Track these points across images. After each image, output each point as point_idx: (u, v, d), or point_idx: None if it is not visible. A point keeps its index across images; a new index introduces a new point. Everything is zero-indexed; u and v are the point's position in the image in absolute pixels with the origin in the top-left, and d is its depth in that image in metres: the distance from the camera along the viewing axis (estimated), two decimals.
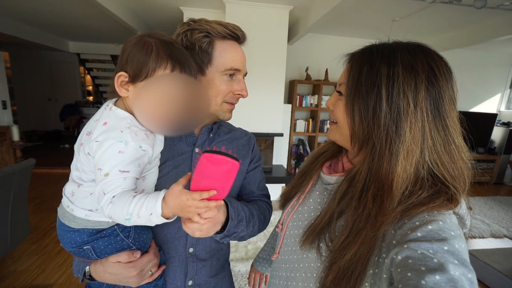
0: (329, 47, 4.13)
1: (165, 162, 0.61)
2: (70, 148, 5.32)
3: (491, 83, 4.87)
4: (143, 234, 0.54)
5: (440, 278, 0.28)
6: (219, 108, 0.61)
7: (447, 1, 2.34)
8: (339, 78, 0.48)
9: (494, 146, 4.49)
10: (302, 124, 4.13)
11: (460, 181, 0.39)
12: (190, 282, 0.64)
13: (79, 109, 6.34)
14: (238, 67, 0.59)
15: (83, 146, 0.45)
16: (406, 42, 0.43)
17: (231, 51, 0.59)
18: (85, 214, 0.47)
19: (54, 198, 3.11)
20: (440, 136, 0.39)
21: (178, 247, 0.62)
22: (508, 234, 2.72)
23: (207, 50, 0.57)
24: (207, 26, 0.57)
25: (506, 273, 1.79)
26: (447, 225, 0.34)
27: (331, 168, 0.55)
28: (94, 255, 0.49)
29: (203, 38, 0.57)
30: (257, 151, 0.76)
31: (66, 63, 6.32)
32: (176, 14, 3.43)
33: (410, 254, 0.32)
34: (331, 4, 2.35)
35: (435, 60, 0.40)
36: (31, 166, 1.48)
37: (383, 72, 0.39)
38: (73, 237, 0.48)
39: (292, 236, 0.54)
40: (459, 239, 0.33)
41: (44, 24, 4.29)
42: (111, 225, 0.50)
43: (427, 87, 0.38)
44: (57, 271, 1.92)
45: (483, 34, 3.23)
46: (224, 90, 0.59)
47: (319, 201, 0.52)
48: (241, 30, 0.61)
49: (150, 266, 0.53)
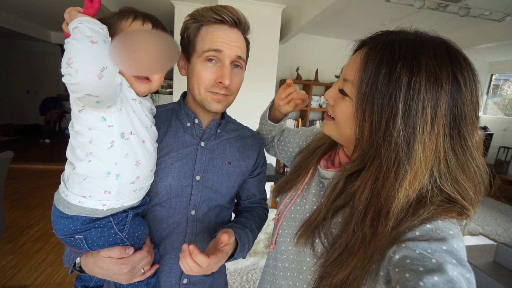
0: (320, 48, 4.20)
1: (169, 153, 0.59)
2: (51, 143, 5.07)
3: None
4: (138, 230, 0.52)
5: (439, 279, 0.28)
6: (204, 97, 0.57)
7: (434, 7, 2.44)
8: (345, 71, 0.42)
9: None
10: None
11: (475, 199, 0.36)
12: (185, 280, 0.62)
13: (61, 102, 6.05)
14: (217, 48, 0.53)
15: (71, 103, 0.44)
16: (431, 38, 0.37)
17: (213, 33, 0.54)
18: (79, 201, 0.45)
19: (31, 194, 2.95)
20: (457, 156, 0.35)
21: (176, 243, 0.60)
22: (483, 232, 2.88)
23: (190, 36, 0.55)
24: (196, 12, 0.56)
25: (482, 268, 1.90)
26: (446, 223, 0.34)
27: (329, 161, 0.53)
28: (85, 245, 0.47)
29: (191, 24, 0.56)
30: (263, 155, 0.74)
31: (47, 54, 6.01)
32: (167, 8, 3.36)
33: (408, 254, 0.31)
34: (323, 5, 2.38)
35: (462, 68, 0.34)
36: (8, 159, 1.39)
37: (404, 81, 0.33)
38: (66, 224, 0.46)
39: (289, 227, 0.53)
40: (458, 238, 0.33)
41: (24, 11, 4.06)
42: (106, 215, 0.48)
43: (448, 103, 0.33)
44: (35, 271, 1.82)
45: (464, 41, 3.40)
46: (204, 78, 0.54)
47: (315, 194, 0.51)
48: (232, 12, 0.55)
49: (143, 264, 0.51)
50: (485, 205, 3.74)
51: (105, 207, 0.46)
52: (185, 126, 0.61)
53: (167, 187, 0.58)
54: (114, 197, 0.46)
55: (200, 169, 0.60)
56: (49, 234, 2.25)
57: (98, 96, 0.38)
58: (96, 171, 0.44)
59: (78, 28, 0.37)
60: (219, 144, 0.64)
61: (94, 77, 0.36)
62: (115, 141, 0.44)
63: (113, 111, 0.43)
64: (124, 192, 0.47)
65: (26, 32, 4.63)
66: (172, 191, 0.58)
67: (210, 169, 0.61)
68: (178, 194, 0.59)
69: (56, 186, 0.48)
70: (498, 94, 5.36)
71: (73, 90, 0.37)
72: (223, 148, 0.64)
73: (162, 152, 0.58)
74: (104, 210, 0.46)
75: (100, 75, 0.36)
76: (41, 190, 3.08)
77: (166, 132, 0.60)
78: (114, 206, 0.47)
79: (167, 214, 0.59)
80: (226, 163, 0.63)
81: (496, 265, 1.94)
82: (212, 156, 0.62)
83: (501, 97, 5.31)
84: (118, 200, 0.47)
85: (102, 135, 0.43)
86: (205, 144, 0.62)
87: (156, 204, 0.59)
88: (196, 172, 0.60)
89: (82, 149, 0.44)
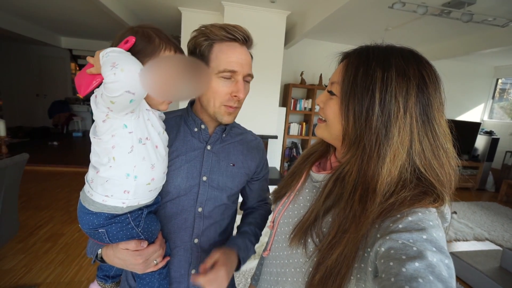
0: (324, 53, 4.23)
1: (178, 156, 0.64)
2: (59, 146, 5.17)
3: (475, 94, 5.10)
4: (152, 225, 0.57)
5: (419, 265, 0.30)
6: (217, 110, 0.61)
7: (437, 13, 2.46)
8: (332, 77, 0.48)
9: (478, 154, 4.69)
10: (296, 128, 4.19)
11: (447, 185, 0.40)
12: (193, 271, 0.67)
13: (69, 106, 6.19)
14: (232, 69, 0.58)
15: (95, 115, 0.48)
16: (400, 47, 0.44)
17: (227, 53, 0.58)
18: (102, 199, 0.50)
19: (41, 196, 3.01)
20: (429, 141, 0.40)
21: (184, 237, 0.65)
22: (489, 237, 2.84)
23: (204, 53, 0.59)
24: (208, 31, 0.59)
25: (487, 274, 1.88)
26: (426, 216, 0.36)
27: (320, 166, 0.57)
28: (107, 238, 0.53)
29: (203, 41, 0.59)
30: (265, 157, 0.79)
31: (57, 58, 6.17)
32: (174, 14, 3.43)
33: (392, 245, 0.33)
34: (327, 12, 2.43)
35: (426, 68, 0.41)
36: (23, 161, 1.45)
37: (378, 76, 0.40)
38: (91, 219, 0.52)
39: (283, 233, 0.55)
40: (437, 228, 0.35)
41: (36, 18, 4.20)
42: (125, 212, 0.53)
43: (417, 94, 0.39)
44: (45, 270, 1.86)
45: (469, 46, 3.40)
46: (221, 92, 0.59)
47: (308, 199, 0.53)
48: (242, 31, 0.60)
49: (155, 256, 0.56)
50: (491, 210, 3.69)
51: (125, 205, 0.51)
52: (192, 131, 0.67)
53: (176, 187, 0.63)
54: (132, 196, 0.51)
55: (207, 170, 0.65)
56: (58, 234, 2.30)
57: (135, 94, 0.42)
58: (117, 173, 0.49)
59: (114, 49, 0.44)
60: (224, 148, 0.69)
61: (136, 75, 0.41)
62: (134, 146, 0.49)
63: (133, 118, 0.48)
64: (140, 192, 0.53)
65: (37, 38, 4.77)
66: (181, 190, 0.64)
67: (216, 171, 0.66)
68: (186, 193, 0.64)
69: (63, 187, 0.53)
70: (504, 98, 5.32)
71: (114, 88, 0.41)
72: (228, 151, 0.69)
73: (172, 155, 0.63)
74: (124, 208, 0.52)
75: (140, 74, 0.42)
76: (49, 191, 3.14)
77: (175, 137, 0.66)
78: (132, 204, 0.52)
79: (177, 211, 0.65)
80: (231, 165, 0.68)
81: (502, 271, 1.92)
82: (218, 159, 0.67)
83: (507, 101, 5.27)
84: (136, 199, 0.52)
85: (124, 140, 0.48)
86: (211, 148, 0.67)
87: (166, 201, 0.64)
88: (203, 173, 0.65)
89: (105, 154, 0.49)
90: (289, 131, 4.15)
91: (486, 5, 2.37)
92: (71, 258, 2.01)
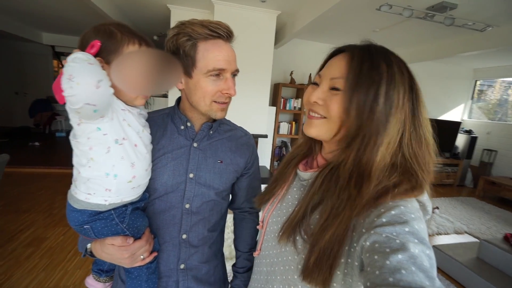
0: (313, 53, 4.30)
1: (165, 154, 0.64)
2: (41, 146, 4.95)
3: (456, 94, 5.34)
4: (137, 221, 0.58)
5: (402, 257, 0.31)
6: (209, 108, 0.62)
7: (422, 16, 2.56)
8: (331, 72, 0.47)
9: (458, 152, 4.92)
10: (286, 127, 4.23)
11: (426, 173, 0.43)
12: (182, 265, 0.68)
13: (51, 105, 5.93)
14: (221, 67, 0.58)
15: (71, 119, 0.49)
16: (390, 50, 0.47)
17: (213, 51, 0.58)
18: (85, 197, 0.52)
19: (22, 199, 2.88)
20: (416, 132, 0.44)
21: (173, 233, 0.66)
22: (468, 230, 3.00)
23: (190, 53, 0.58)
24: (189, 29, 0.57)
25: (467, 264, 1.99)
26: (408, 209, 0.38)
27: (307, 165, 0.58)
28: (92, 234, 0.55)
29: (186, 41, 0.58)
30: (256, 154, 0.78)
31: (38, 55, 5.90)
32: (163, 11, 3.37)
33: (376, 239, 0.35)
34: (317, 12, 2.46)
35: (410, 71, 0.46)
36: (3, 162, 1.38)
37: (383, 69, 0.42)
38: (76, 216, 0.54)
39: (272, 232, 0.56)
40: (418, 221, 0.37)
41: (16, 12, 3.99)
42: (108, 209, 0.54)
43: (410, 89, 0.44)
44: (27, 276, 1.78)
45: (450, 49, 3.56)
46: (210, 90, 0.59)
47: (296, 197, 0.54)
48: (224, 27, 0.59)
49: (142, 251, 0.58)
50: (470, 205, 3.88)
51: (107, 202, 0.53)
52: (179, 129, 0.67)
53: (163, 184, 0.64)
54: (114, 194, 0.53)
55: (194, 167, 0.66)
56: (41, 238, 2.21)
57: (96, 105, 0.43)
58: (97, 173, 0.51)
59: (77, 56, 0.43)
60: (211, 145, 0.69)
61: (93, 87, 0.42)
62: (110, 147, 0.51)
63: (106, 121, 0.49)
64: (122, 189, 0.54)
65: (17, 33, 4.55)
66: (168, 187, 0.64)
67: (203, 168, 0.67)
68: (173, 190, 0.65)
69: (47, 190, 0.53)
70: (482, 99, 5.60)
71: (73, 101, 0.42)
72: (215, 148, 0.69)
73: (159, 153, 0.64)
74: (106, 205, 0.53)
75: (98, 85, 0.42)
76: (31, 194, 3.01)
77: (162, 135, 0.66)
78: (115, 201, 0.54)
79: (165, 208, 0.66)
80: (218, 162, 0.69)
81: (479, 261, 2.04)
82: (205, 156, 0.67)
83: (485, 102, 5.55)
84: (118, 196, 0.54)
85: (99, 142, 0.50)
86: (198, 145, 0.67)
87: (155, 198, 0.65)
88: (189, 170, 0.65)
89: (84, 156, 0.51)
90: (279, 130, 4.18)
91: (466, 10, 2.49)
92: (55, 262, 1.94)
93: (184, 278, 0.68)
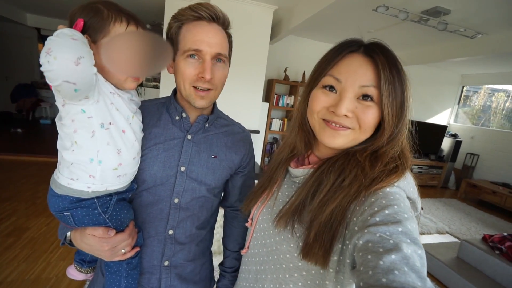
0: (308, 51, 4.29)
1: (156, 144, 0.62)
2: (24, 133, 4.75)
3: (443, 98, 5.50)
4: (121, 213, 0.55)
5: (395, 257, 0.32)
6: (188, 93, 0.59)
7: (416, 20, 2.60)
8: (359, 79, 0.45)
9: (443, 155, 5.08)
10: (278, 123, 4.23)
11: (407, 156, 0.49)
12: (166, 262, 0.65)
13: (36, 90, 5.68)
14: (196, 47, 0.55)
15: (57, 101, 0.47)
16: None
17: (193, 32, 0.56)
18: (67, 182, 0.50)
19: (2, 187, 2.76)
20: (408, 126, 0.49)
21: (159, 228, 0.63)
22: (449, 230, 3.12)
23: (173, 35, 0.58)
24: (177, 12, 0.58)
25: (446, 263, 2.07)
26: (401, 208, 0.38)
27: (299, 162, 0.57)
28: (72, 222, 0.52)
29: (173, 23, 0.58)
30: (252, 152, 0.76)
31: (22, 37, 5.60)
32: (157, 1, 3.27)
33: (370, 238, 0.35)
34: (314, 10, 2.45)
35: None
36: None
37: (403, 73, 0.46)
38: (57, 202, 0.51)
39: (262, 229, 0.55)
40: (411, 220, 0.37)
41: None
42: (91, 197, 0.52)
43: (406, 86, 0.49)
44: (6, 267, 1.72)
45: (442, 54, 3.64)
46: (188, 73, 0.56)
47: (287, 194, 0.54)
48: (208, 8, 0.56)
49: (123, 245, 0.55)
50: (452, 206, 4.03)
51: (90, 190, 0.51)
52: (173, 120, 0.64)
53: (152, 176, 0.61)
54: (98, 181, 0.51)
55: (186, 160, 0.63)
56: (22, 228, 2.13)
57: (76, 84, 0.39)
58: (80, 158, 0.49)
59: (62, 31, 0.40)
60: (206, 138, 0.66)
61: (71, 63, 0.38)
62: (95, 131, 0.48)
63: (90, 103, 0.46)
64: (107, 177, 0.52)
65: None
66: (157, 179, 0.62)
67: (196, 162, 0.64)
68: (163, 183, 0.62)
69: (29, 178, 0.51)
70: (467, 104, 5.80)
71: (51, 77, 0.39)
72: (210, 142, 0.67)
73: (150, 143, 0.61)
74: (89, 192, 0.51)
75: (77, 62, 0.38)
76: (12, 182, 2.89)
77: (155, 124, 0.63)
78: (99, 189, 0.52)
79: (153, 201, 0.63)
80: (212, 157, 0.66)
81: (459, 261, 2.12)
82: (199, 149, 0.65)
83: (470, 107, 5.75)
84: (103, 184, 0.52)
85: (84, 125, 0.47)
86: (192, 137, 0.64)
87: (142, 190, 0.62)
88: (181, 163, 0.63)
89: (68, 139, 0.48)
90: (271, 126, 4.18)
91: (459, 16, 2.55)
92: (37, 253, 1.88)
93: (167, 275, 0.66)
